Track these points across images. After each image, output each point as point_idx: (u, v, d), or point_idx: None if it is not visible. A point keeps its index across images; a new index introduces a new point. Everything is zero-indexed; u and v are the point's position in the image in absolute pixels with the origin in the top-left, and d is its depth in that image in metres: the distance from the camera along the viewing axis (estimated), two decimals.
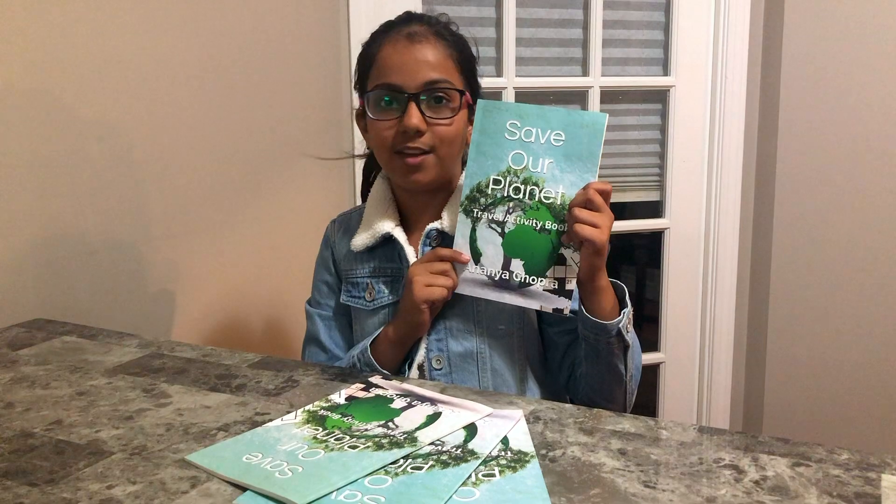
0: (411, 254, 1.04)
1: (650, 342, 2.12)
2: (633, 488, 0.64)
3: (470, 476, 0.65)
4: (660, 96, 2.00)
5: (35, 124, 1.20)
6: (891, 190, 1.87)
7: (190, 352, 1.04)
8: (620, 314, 0.94)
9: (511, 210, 0.95)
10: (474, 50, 1.08)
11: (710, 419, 2.09)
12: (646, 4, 1.95)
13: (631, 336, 0.97)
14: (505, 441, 0.73)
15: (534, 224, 0.95)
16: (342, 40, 1.73)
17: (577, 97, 1.95)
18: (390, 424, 0.76)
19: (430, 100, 0.99)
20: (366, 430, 0.75)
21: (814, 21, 1.84)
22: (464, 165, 1.10)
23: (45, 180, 1.22)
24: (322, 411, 0.80)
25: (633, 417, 0.79)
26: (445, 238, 1.03)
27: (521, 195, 0.95)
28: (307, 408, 0.81)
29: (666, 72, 1.98)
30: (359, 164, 1.28)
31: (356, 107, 1.11)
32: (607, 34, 1.92)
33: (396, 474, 0.66)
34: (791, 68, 1.87)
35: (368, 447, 0.70)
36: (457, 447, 0.71)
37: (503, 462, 0.68)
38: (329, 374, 0.94)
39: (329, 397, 0.84)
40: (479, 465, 0.67)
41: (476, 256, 0.97)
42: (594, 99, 1.92)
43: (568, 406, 0.83)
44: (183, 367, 0.97)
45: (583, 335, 0.98)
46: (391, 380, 0.90)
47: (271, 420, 0.79)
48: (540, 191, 0.94)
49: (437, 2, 1.81)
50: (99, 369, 0.97)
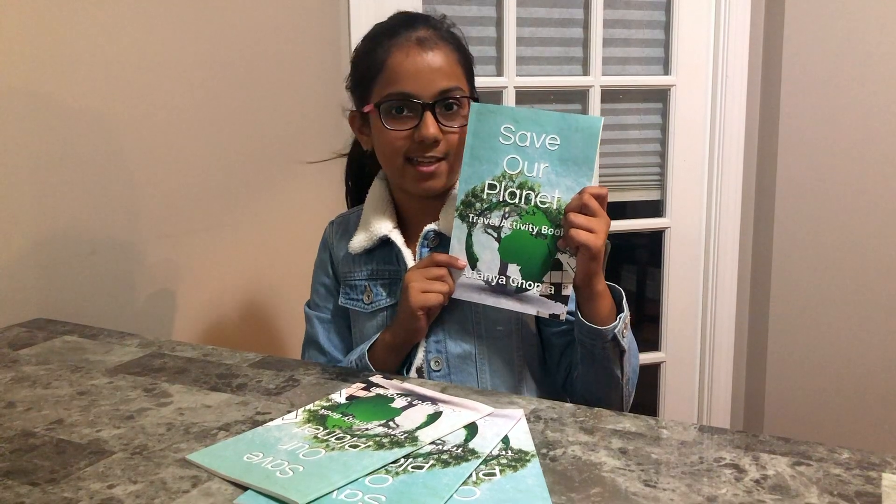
0: (409, 256, 1.04)
1: (651, 341, 2.12)
2: (634, 487, 0.64)
3: (471, 475, 0.65)
4: (660, 95, 1.99)
5: (35, 125, 1.20)
6: (892, 189, 1.87)
7: (190, 351, 1.04)
8: (617, 319, 0.94)
9: (507, 215, 0.95)
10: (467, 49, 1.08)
11: (711, 418, 2.09)
12: (646, 3, 1.95)
13: (627, 340, 0.97)
14: (506, 440, 0.73)
15: (530, 229, 0.94)
16: (342, 41, 1.73)
17: (578, 96, 1.95)
18: (391, 424, 0.76)
19: (443, 108, 0.99)
20: (366, 430, 0.75)
21: (814, 20, 1.84)
22: None
23: (46, 180, 1.22)
24: (323, 411, 0.80)
25: (634, 417, 0.79)
26: (443, 239, 1.03)
27: (517, 200, 0.95)
28: (308, 407, 0.81)
29: (666, 71, 1.97)
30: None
31: (349, 108, 1.10)
32: (608, 33, 1.92)
33: (397, 473, 0.66)
34: (791, 67, 1.87)
35: (369, 446, 0.70)
36: (457, 446, 0.71)
37: (504, 461, 0.68)
38: (330, 374, 0.94)
39: (330, 397, 0.84)
40: (480, 465, 0.67)
41: (472, 262, 0.97)
42: (595, 98, 1.92)
43: (568, 405, 0.83)
44: (183, 367, 0.97)
45: (578, 339, 0.98)
46: (392, 379, 0.90)
47: (272, 419, 0.79)
48: (536, 195, 0.94)
49: (438, 1, 1.81)
50: (100, 369, 0.97)
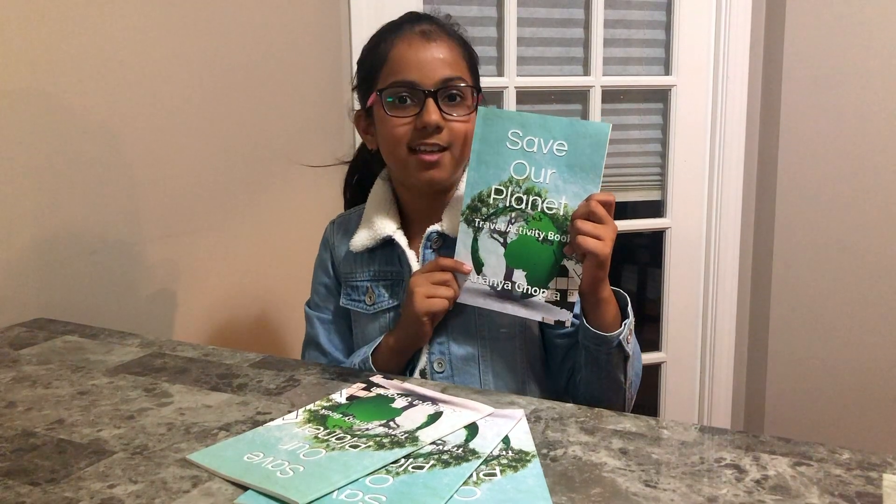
0: (412, 257, 1.04)
1: (651, 341, 2.11)
2: (635, 488, 0.64)
3: (471, 475, 0.65)
4: (661, 96, 1.99)
5: (36, 125, 1.20)
6: (892, 190, 1.86)
7: (191, 351, 1.04)
8: (622, 325, 0.94)
9: (513, 220, 0.95)
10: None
11: (712, 418, 2.09)
12: (647, 4, 1.95)
13: (631, 346, 0.97)
14: (506, 440, 0.73)
15: (536, 235, 0.94)
16: (343, 42, 1.73)
17: (579, 96, 1.95)
18: (391, 424, 0.76)
19: (446, 97, 0.99)
20: (367, 430, 0.75)
21: (815, 20, 1.84)
22: (465, 167, 1.10)
23: (46, 181, 1.22)
24: (323, 411, 0.80)
25: (635, 417, 0.79)
26: (446, 241, 1.03)
27: (524, 205, 0.94)
28: (308, 407, 0.81)
29: (667, 71, 1.97)
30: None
31: (355, 108, 1.10)
32: (608, 33, 1.92)
33: (397, 474, 0.66)
34: (792, 67, 1.87)
35: (369, 446, 0.70)
36: (458, 446, 0.71)
37: (504, 461, 0.68)
38: (330, 374, 0.94)
39: (330, 397, 0.84)
40: (481, 465, 0.67)
41: (478, 266, 0.97)
42: (595, 98, 1.92)
43: (569, 405, 0.83)
44: (184, 367, 0.97)
45: (583, 344, 0.98)
46: (392, 379, 0.90)
47: (272, 419, 0.79)
48: (542, 201, 0.94)
49: (439, 1, 1.81)
50: (100, 369, 0.97)
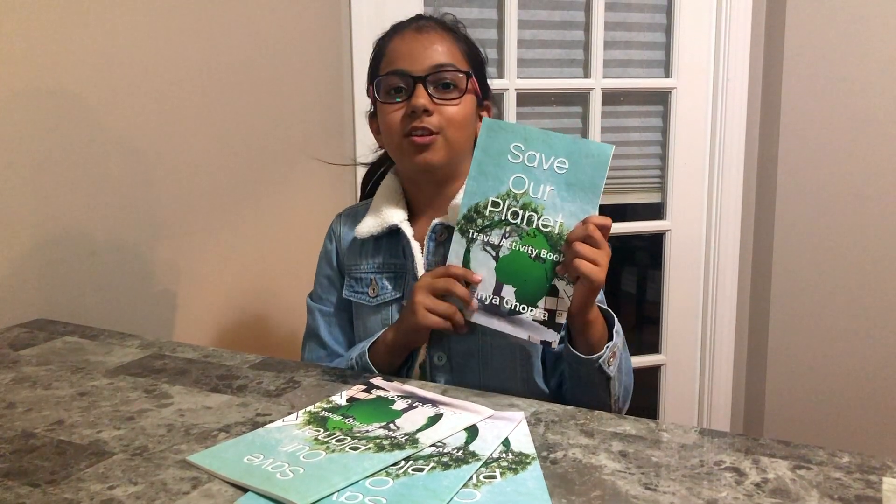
0: (417, 249, 1.04)
1: (651, 344, 2.12)
2: (634, 490, 0.64)
3: (471, 478, 0.65)
4: (661, 98, 2.00)
5: (37, 125, 1.20)
6: (892, 193, 1.87)
7: (191, 352, 1.04)
8: (604, 348, 0.94)
9: (507, 234, 0.94)
10: (482, 52, 1.10)
11: (711, 421, 2.09)
12: (647, 6, 1.95)
13: (614, 368, 0.96)
14: (506, 443, 0.73)
15: (529, 251, 0.93)
16: (344, 42, 1.73)
17: (579, 99, 1.95)
18: (391, 426, 0.76)
19: (438, 84, 1.01)
20: (367, 432, 0.75)
21: (816, 23, 1.84)
22: None
23: (47, 181, 1.22)
24: (323, 412, 0.80)
25: (634, 419, 0.79)
26: (450, 233, 1.03)
27: (519, 220, 0.94)
28: (308, 409, 0.81)
29: (667, 74, 1.98)
30: (361, 167, 1.28)
31: (366, 110, 1.12)
32: (609, 36, 1.92)
33: (397, 476, 0.66)
34: (792, 70, 1.87)
35: (369, 448, 0.71)
36: (458, 449, 0.71)
37: (504, 464, 0.68)
38: (330, 376, 0.94)
39: (330, 398, 0.84)
40: (480, 467, 0.67)
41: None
42: (595, 101, 1.92)
43: (569, 408, 0.83)
44: (184, 368, 0.97)
45: (566, 359, 0.98)
46: (392, 381, 0.90)
47: (272, 421, 0.79)
48: (538, 218, 0.93)
49: (440, 4, 1.81)
50: (100, 370, 0.97)
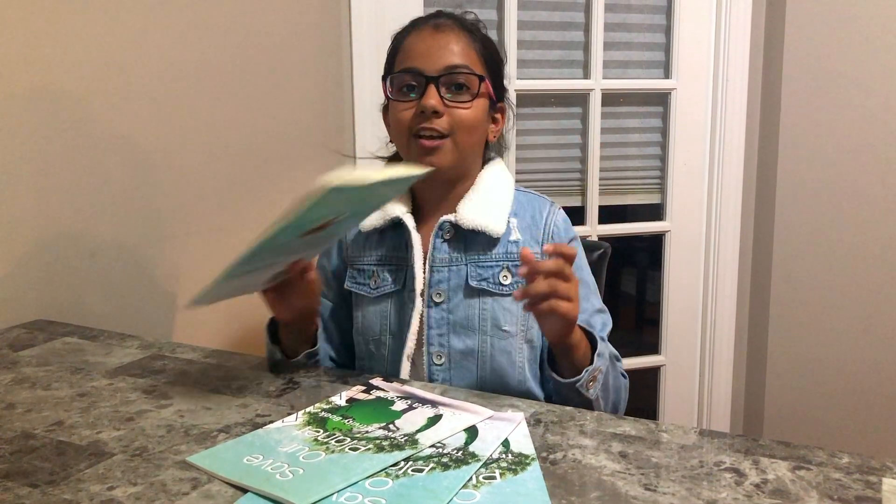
0: (418, 242, 1.04)
1: (651, 345, 2.12)
2: (634, 491, 0.64)
3: (471, 478, 0.65)
4: (661, 99, 2.00)
5: (37, 125, 1.20)
6: (892, 194, 1.87)
7: (191, 353, 1.04)
8: (583, 372, 0.92)
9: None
10: (501, 52, 1.09)
11: (711, 422, 2.08)
12: (647, 7, 1.95)
13: (595, 390, 0.94)
14: (506, 443, 0.73)
15: None
16: (344, 41, 1.73)
17: (579, 100, 1.95)
18: (391, 427, 0.76)
19: (451, 85, 1.01)
20: (367, 433, 0.75)
21: (815, 24, 1.84)
22: (485, 162, 1.11)
23: (47, 181, 1.22)
24: (323, 413, 0.80)
25: (634, 420, 0.79)
26: (458, 231, 1.03)
27: None
28: (308, 410, 0.81)
29: (667, 74, 1.98)
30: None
31: (382, 102, 1.12)
32: (608, 37, 1.92)
33: (397, 476, 0.66)
34: (792, 71, 1.87)
35: (369, 449, 0.70)
36: (458, 449, 0.71)
37: (504, 464, 0.68)
38: (330, 376, 0.94)
39: (330, 399, 0.84)
40: (480, 468, 0.67)
41: None
42: (595, 102, 1.92)
43: (569, 409, 0.83)
44: (184, 369, 0.97)
45: (548, 377, 0.98)
46: (392, 382, 0.90)
47: (272, 422, 0.79)
48: None
49: (440, 4, 1.81)
50: (100, 370, 0.97)
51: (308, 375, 0.94)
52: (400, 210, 1.06)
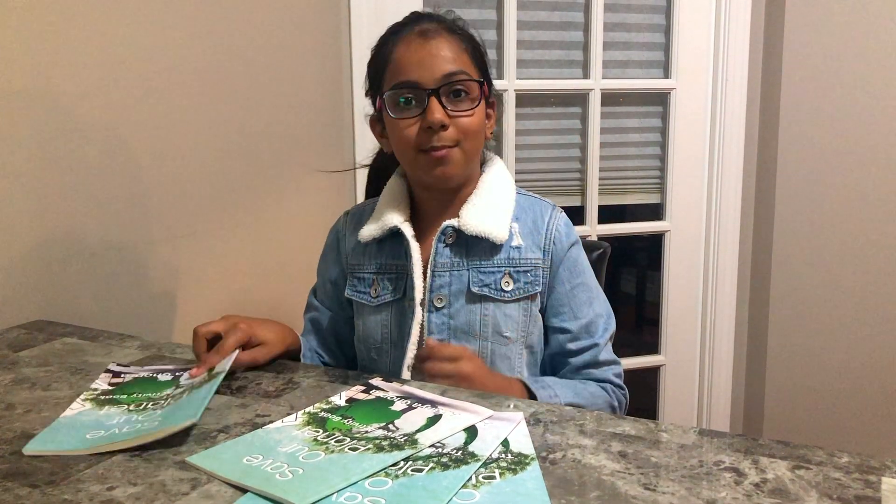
0: (416, 249, 1.03)
1: (650, 344, 2.12)
2: (634, 491, 0.64)
3: (470, 478, 0.65)
4: (660, 99, 2.00)
5: (36, 126, 1.20)
6: (892, 195, 1.87)
7: (190, 353, 1.03)
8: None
9: None
10: (481, 42, 1.08)
11: (711, 421, 2.09)
12: (646, 7, 1.95)
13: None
14: (505, 443, 0.73)
15: None
16: (343, 45, 1.73)
17: (578, 99, 1.95)
18: (391, 426, 0.76)
19: (450, 93, 0.99)
20: (366, 433, 0.75)
21: (815, 24, 1.84)
22: (483, 162, 1.10)
23: (46, 182, 1.22)
24: (322, 413, 0.80)
25: (634, 420, 0.79)
26: (461, 236, 1.03)
27: None
28: (308, 409, 0.81)
29: (667, 74, 1.98)
30: (361, 170, 1.27)
31: (368, 113, 1.10)
32: (608, 37, 1.93)
33: (397, 476, 0.66)
34: (792, 71, 1.87)
35: (369, 449, 0.70)
36: (457, 449, 0.71)
37: (503, 464, 0.68)
38: (330, 376, 0.94)
39: (329, 399, 0.84)
40: (480, 468, 0.67)
41: None
42: (595, 101, 1.92)
43: (568, 409, 0.83)
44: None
45: None
46: (392, 381, 0.90)
47: (272, 422, 0.79)
48: None
49: (438, 4, 1.81)
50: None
51: (307, 375, 0.94)
52: (398, 219, 1.05)
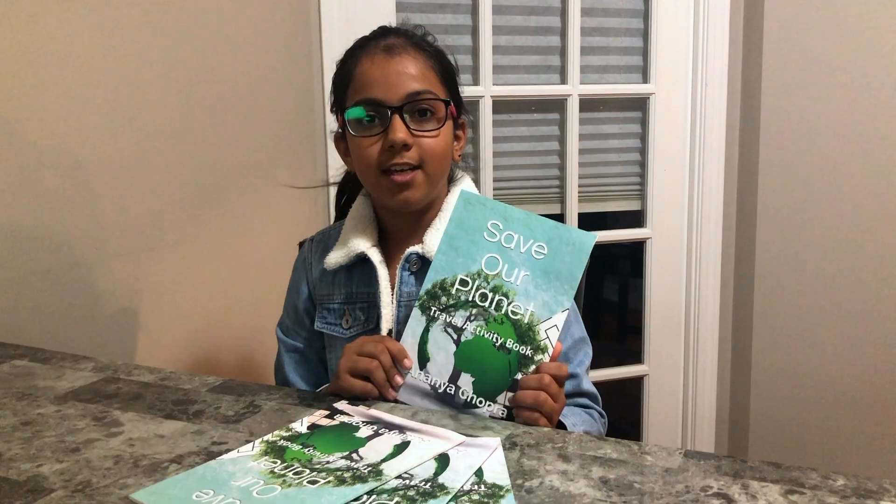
0: (384, 277, 0.99)
1: (633, 353, 2.09)
2: None
3: None
4: (639, 104, 1.97)
5: None
6: (875, 199, 1.85)
7: (147, 375, 0.98)
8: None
9: (472, 317, 0.86)
10: (452, 60, 1.04)
11: (696, 431, 2.06)
12: (624, 11, 1.93)
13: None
14: (479, 473, 0.68)
15: (494, 339, 0.85)
16: (314, 57, 1.68)
17: (556, 105, 1.92)
18: (354, 456, 0.71)
19: (415, 113, 0.95)
20: (327, 463, 0.69)
21: (794, 27, 1.83)
22: (450, 182, 1.06)
23: None
24: (282, 441, 0.75)
25: (616, 442, 0.75)
26: (425, 263, 0.97)
27: (488, 304, 0.86)
28: (266, 438, 0.76)
29: (645, 79, 1.95)
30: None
31: (333, 129, 1.06)
32: (585, 41, 1.90)
33: None
34: (772, 73, 1.86)
35: (329, 482, 0.65)
36: (426, 481, 0.66)
37: (476, 497, 0.63)
38: (293, 399, 0.89)
39: (290, 426, 0.79)
40: (450, 502, 0.62)
41: (423, 361, 0.87)
42: (573, 107, 1.89)
43: (546, 430, 0.79)
44: (139, 392, 0.91)
45: None
46: (358, 405, 0.85)
47: (228, 450, 0.73)
48: (508, 303, 0.85)
49: (412, 10, 1.77)
50: (48, 396, 0.91)
51: (271, 398, 0.89)
52: (364, 244, 1.00)
